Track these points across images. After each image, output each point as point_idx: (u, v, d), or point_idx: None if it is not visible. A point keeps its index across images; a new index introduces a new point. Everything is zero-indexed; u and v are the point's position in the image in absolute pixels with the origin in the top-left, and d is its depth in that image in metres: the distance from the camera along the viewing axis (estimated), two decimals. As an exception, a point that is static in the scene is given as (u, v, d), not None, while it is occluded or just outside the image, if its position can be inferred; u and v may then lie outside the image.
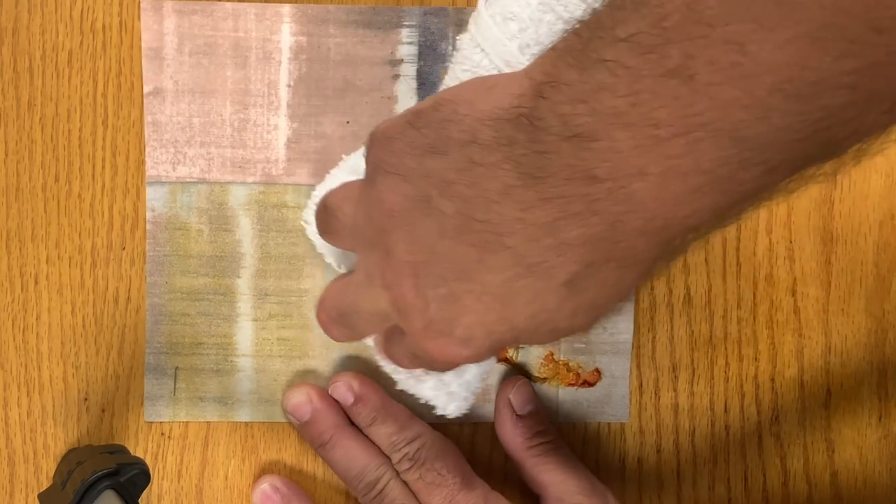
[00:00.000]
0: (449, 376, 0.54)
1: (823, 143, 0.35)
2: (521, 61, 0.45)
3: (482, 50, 0.47)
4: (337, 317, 0.50)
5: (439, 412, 0.56)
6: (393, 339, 0.48)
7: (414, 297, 0.43)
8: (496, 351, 0.44)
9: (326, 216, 0.49)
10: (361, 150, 0.47)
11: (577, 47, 0.38)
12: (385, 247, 0.43)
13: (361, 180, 0.46)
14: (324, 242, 0.52)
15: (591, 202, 0.38)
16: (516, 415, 0.58)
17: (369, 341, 0.53)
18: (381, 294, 0.45)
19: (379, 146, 0.44)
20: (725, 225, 0.39)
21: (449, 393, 0.55)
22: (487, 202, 0.40)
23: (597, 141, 0.37)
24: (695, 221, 0.38)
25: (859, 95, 0.34)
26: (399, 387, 0.56)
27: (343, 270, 0.54)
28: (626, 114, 0.36)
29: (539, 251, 0.39)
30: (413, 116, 0.43)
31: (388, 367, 0.54)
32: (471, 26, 0.49)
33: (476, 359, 0.44)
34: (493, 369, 0.58)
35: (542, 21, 0.46)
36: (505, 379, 0.60)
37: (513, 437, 0.59)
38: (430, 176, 0.41)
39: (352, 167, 0.55)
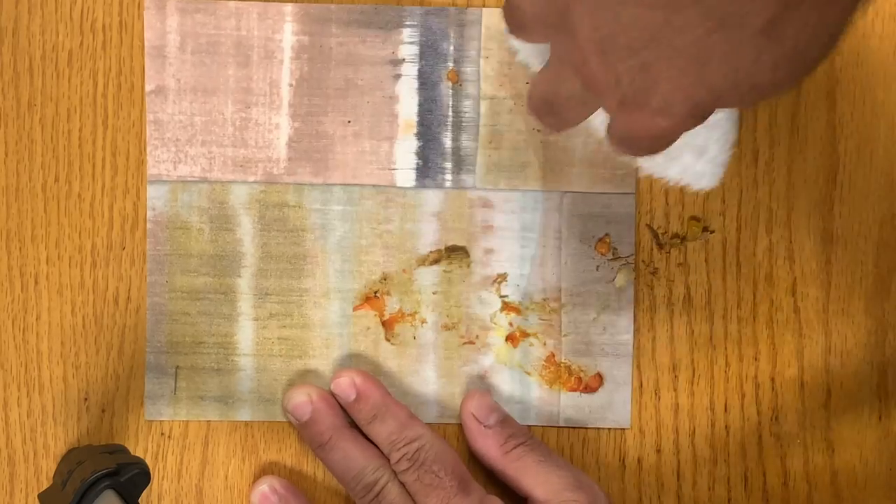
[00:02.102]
0: (691, 158, 0.51)
1: None
2: None
3: None
4: (542, 107, 0.47)
5: (694, 188, 0.52)
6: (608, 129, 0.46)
7: (604, 74, 0.41)
8: (700, 117, 0.42)
9: (511, 11, 0.46)
10: None
11: None
12: (569, 28, 0.41)
13: None
14: (522, 44, 0.50)
15: None
16: (484, 426, 0.58)
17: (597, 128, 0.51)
18: (573, 77, 0.43)
19: None
20: None
21: (696, 172, 0.52)
22: None
23: None
24: None
25: None
26: (643, 173, 0.53)
27: None
28: None
29: (729, 1, 0.37)
30: None
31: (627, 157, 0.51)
32: None
33: (679, 128, 0.42)
34: (732, 139, 0.53)
35: None
36: (465, 394, 0.59)
37: (486, 448, 0.58)
38: None
39: None
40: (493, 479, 0.59)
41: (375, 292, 0.59)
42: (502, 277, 0.59)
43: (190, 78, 0.57)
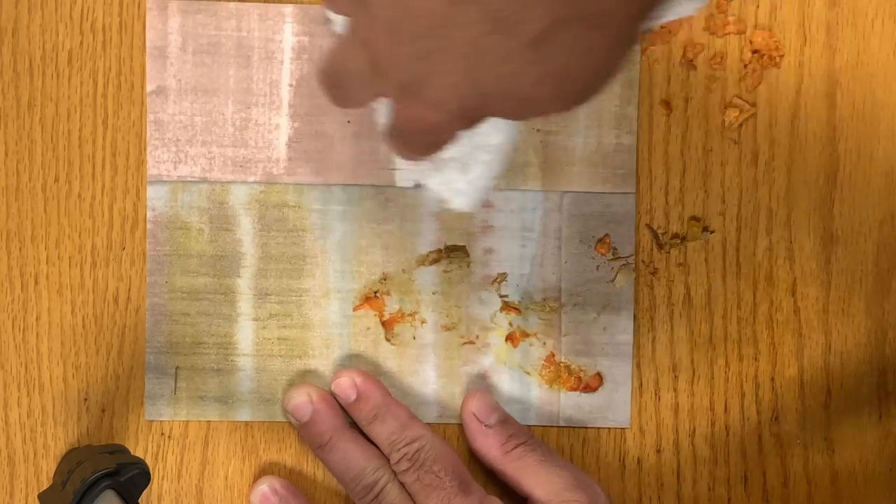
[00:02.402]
0: (454, 173, 0.51)
1: None
2: None
3: None
4: (330, 78, 0.48)
5: (446, 206, 0.52)
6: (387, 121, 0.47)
7: (388, 56, 0.41)
8: (469, 119, 0.42)
9: None
10: None
11: None
12: (366, 4, 0.42)
13: None
14: (335, 16, 0.50)
15: None
16: (484, 426, 0.58)
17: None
18: (362, 54, 0.43)
19: None
20: None
21: (455, 189, 0.52)
22: None
23: None
24: None
25: None
26: (407, 178, 0.53)
27: None
28: None
29: (506, 5, 0.37)
30: None
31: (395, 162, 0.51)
32: None
33: (449, 126, 0.43)
34: (497, 169, 0.52)
35: None
36: (466, 393, 0.60)
37: (486, 448, 0.58)
38: None
39: None
40: (493, 479, 0.59)
41: (375, 292, 0.59)
42: (502, 277, 0.59)
43: (191, 78, 0.57)
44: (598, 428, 0.60)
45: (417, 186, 0.52)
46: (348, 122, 0.58)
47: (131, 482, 0.52)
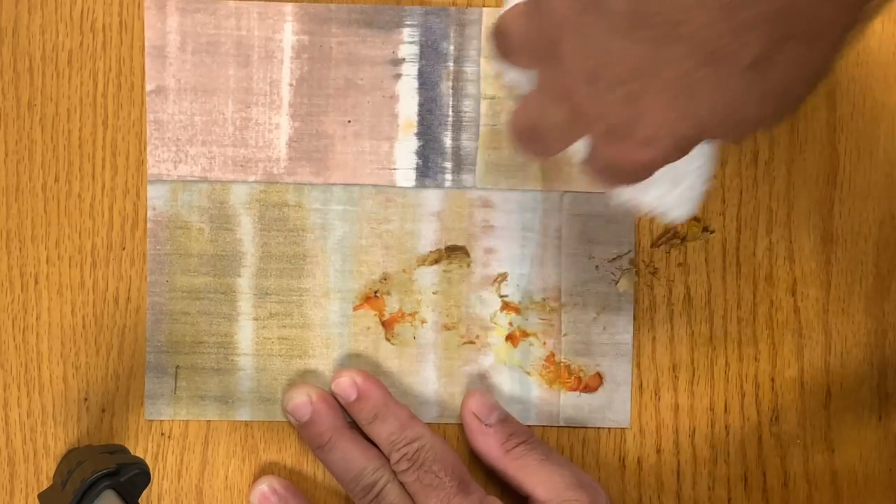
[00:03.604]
0: (667, 186, 0.50)
1: None
2: None
3: None
4: (527, 133, 0.47)
5: (668, 218, 0.51)
6: (589, 158, 0.46)
7: (591, 103, 0.41)
8: (684, 150, 0.42)
9: (500, 36, 0.46)
10: None
11: None
12: (557, 57, 0.42)
13: None
14: (508, 67, 0.50)
15: None
16: (485, 425, 0.58)
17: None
18: (559, 105, 0.43)
19: None
20: None
21: (670, 202, 0.51)
22: None
23: None
24: None
25: None
26: (616, 201, 0.52)
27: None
28: None
29: (717, 36, 0.37)
30: None
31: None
32: None
33: (663, 160, 0.42)
34: (710, 171, 0.51)
35: None
36: (466, 393, 0.59)
37: (487, 447, 0.58)
38: None
39: None
40: (493, 479, 0.59)
41: (375, 292, 0.59)
42: (502, 277, 0.59)
43: (190, 78, 0.58)
44: (598, 428, 0.60)
45: (627, 204, 0.52)
46: (348, 121, 0.58)
47: (131, 482, 0.52)
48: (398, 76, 0.58)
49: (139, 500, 0.52)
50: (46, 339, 0.58)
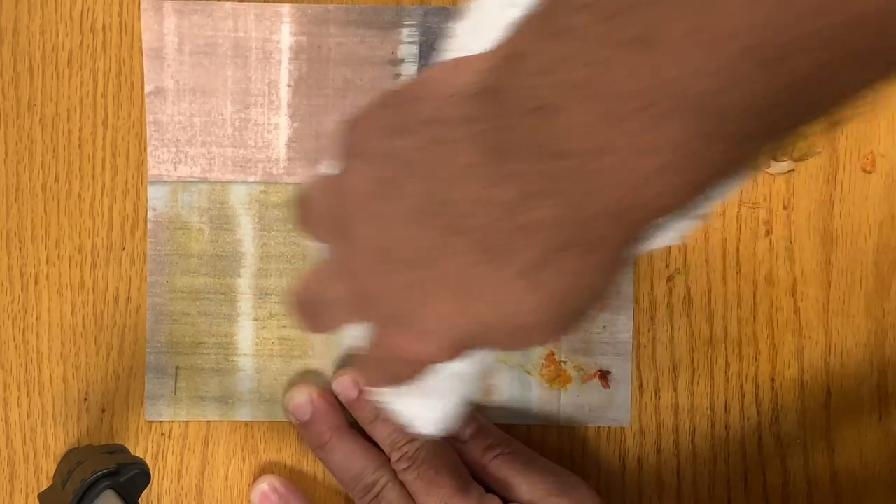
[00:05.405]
0: (420, 399, 0.50)
1: (801, 106, 0.32)
2: None
3: (479, 37, 0.44)
4: (305, 308, 0.48)
5: (416, 429, 0.51)
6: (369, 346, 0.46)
7: (375, 286, 0.41)
8: (461, 349, 0.41)
9: (300, 205, 0.46)
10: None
11: (543, 16, 0.35)
12: (349, 234, 0.41)
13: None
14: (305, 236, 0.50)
15: (555, 180, 0.35)
16: (460, 442, 0.58)
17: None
18: (345, 283, 0.43)
19: (348, 129, 0.42)
20: (706, 202, 0.36)
21: (420, 415, 0.51)
22: (450, 181, 0.37)
23: (561, 114, 0.34)
24: (666, 201, 0.35)
25: (835, 55, 0.30)
26: (375, 398, 0.52)
27: None
28: (590, 84, 0.33)
29: (499, 234, 0.37)
30: (383, 97, 0.41)
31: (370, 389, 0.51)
32: (470, 13, 0.46)
33: (442, 356, 0.41)
34: (468, 398, 0.52)
35: None
36: None
37: (467, 464, 0.57)
38: (393, 156, 0.39)
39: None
40: (493, 478, 0.59)
41: (375, 292, 0.59)
42: (502, 277, 0.59)
43: (188, 79, 0.57)
44: (598, 428, 0.60)
45: (382, 405, 0.51)
46: (348, 122, 0.58)
47: (131, 482, 0.52)
48: (398, 76, 0.58)
49: (139, 500, 0.52)
50: (46, 339, 0.58)
